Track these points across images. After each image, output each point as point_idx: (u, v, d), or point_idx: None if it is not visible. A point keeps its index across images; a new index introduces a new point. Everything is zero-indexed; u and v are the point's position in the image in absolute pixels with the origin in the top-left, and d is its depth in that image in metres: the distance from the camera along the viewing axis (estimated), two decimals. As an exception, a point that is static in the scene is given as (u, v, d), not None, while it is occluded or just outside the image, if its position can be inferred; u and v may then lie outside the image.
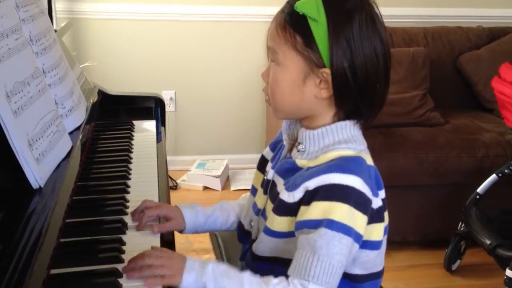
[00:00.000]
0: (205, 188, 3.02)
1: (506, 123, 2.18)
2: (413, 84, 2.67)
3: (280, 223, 0.96)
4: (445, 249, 2.31)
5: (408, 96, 2.62)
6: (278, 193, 0.98)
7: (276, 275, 0.90)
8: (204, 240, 1.58)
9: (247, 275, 0.90)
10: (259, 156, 1.17)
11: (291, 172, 0.98)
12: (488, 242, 2.04)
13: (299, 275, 0.88)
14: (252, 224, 1.09)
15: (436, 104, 2.68)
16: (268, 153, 1.12)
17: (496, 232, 2.07)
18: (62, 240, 0.99)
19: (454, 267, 2.33)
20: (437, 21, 3.14)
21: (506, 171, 2.17)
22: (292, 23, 0.92)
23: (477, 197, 2.21)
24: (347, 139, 0.95)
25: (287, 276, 0.90)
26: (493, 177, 2.19)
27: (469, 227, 2.17)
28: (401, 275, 2.28)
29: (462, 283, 2.28)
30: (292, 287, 0.87)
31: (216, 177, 3.01)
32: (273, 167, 1.05)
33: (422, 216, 2.44)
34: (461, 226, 2.27)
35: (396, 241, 2.36)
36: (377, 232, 0.96)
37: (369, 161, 0.96)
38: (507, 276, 1.89)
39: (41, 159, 0.98)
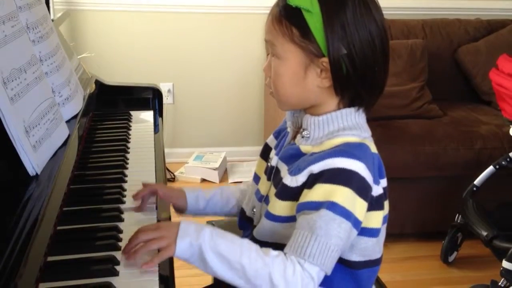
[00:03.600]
0: (203, 180, 3.03)
1: (503, 115, 2.18)
2: (411, 76, 2.67)
3: (281, 207, 0.97)
4: (442, 241, 2.32)
5: (406, 88, 2.62)
6: (281, 179, 0.98)
7: None
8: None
9: (247, 241, 0.91)
10: (257, 148, 1.18)
11: (295, 157, 0.98)
12: (484, 233, 2.04)
13: (295, 253, 0.88)
14: (254, 210, 1.09)
15: (434, 96, 2.68)
16: (271, 140, 1.13)
17: (493, 224, 2.08)
18: (59, 227, 0.99)
19: (451, 258, 2.34)
20: (435, 13, 3.14)
21: (503, 163, 2.17)
22: (287, 16, 0.93)
23: (474, 189, 2.21)
24: (351, 126, 0.96)
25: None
26: (490, 169, 2.19)
27: (466, 219, 2.18)
28: (398, 266, 2.29)
29: (458, 275, 2.28)
30: (290, 262, 0.87)
31: (214, 169, 3.01)
32: (277, 154, 1.05)
33: (419, 208, 2.44)
34: (458, 218, 2.28)
35: (393, 233, 2.36)
36: (375, 219, 0.96)
37: (373, 148, 0.97)
38: (503, 268, 1.89)
39: (37, 146, 0.98)
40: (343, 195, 0.89)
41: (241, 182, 2.91)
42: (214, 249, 0.87)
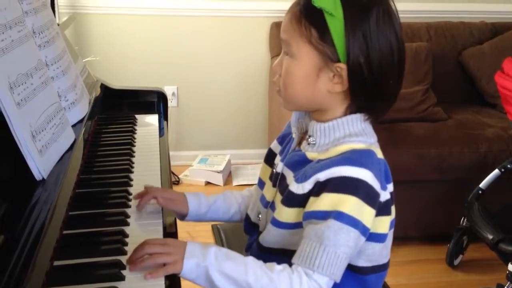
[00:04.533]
0: (207, 183, 3.03)
1: (509, 118, 2.17)
2: (416, 79, 2.67)
3: (287, 214, 0.97)
4: (447, 244, 2.31)
5: (411, 91, 2.61)
6: (287, 185, 0.98)
7: None
8: (206, 235, 1.58)
9: (251, 259, 0.91)
10: (261, 151, 1.18)
11: (301, 164, 0.98)
12: (490, 237, 2.04)
13: (304, 263, 0.88)
14: (260, 216, 1.09)
15: (439, 99, 2.68)
16: (275, 146, 1.12)
17: (499, 227, 2.07)
18: (65, 232, 0.99)
19: (456, 262, 2.33)
20: (440, 16, 3.13)
21: (508, 166, 2.16)
22: (307, 16, 0.92)
23: (480, 192, 2.21)
24: (357, 132, 0.96)
25: (291, 265, 0.90)
26: (495, 172, 2.19)
27: (472, 222, 2.17)
28: (403, 270, 2.28)
29: (464, 278, 2.28)
30: (297, 275, 0.87)
31: (218, 172, 3.01)
32: (282, 160, 1.05)
33: (424, 211, 2.43)
34: (463, 221, 2.27)
35: (398, 236, 2.32)
36: (383, 225, 0.96)
37: (379, 154, 0.97)
38: (509, 271, 1.89)
39: (44, 151, 0.98)
40: (350, 204, 0.88)
41: (245, 185, 2.94)
42: (220, 270, 0.88)
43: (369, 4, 0.91)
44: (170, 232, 1.09)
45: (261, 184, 1.12)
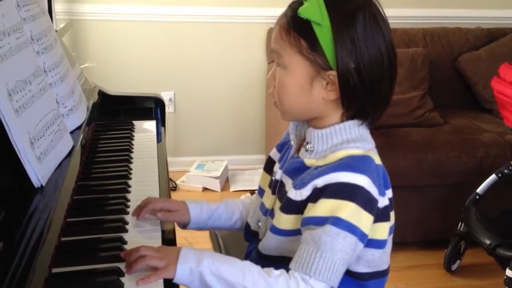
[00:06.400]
0: (205, 189, 3.02)
1: (505, 123, 2.18)
2: (413, 85, 2.68)
3: (286, 221, 0.97)
4: (445, 249, 2.31)
5: (408, 96, 2.62)
6: (286, 192, 0.98)
7: None
8: (204, 241, 1.58)
9: (248, 263, 0.91)
10: (258, 157, 1.18)
11: (299, 171, 0.98)
12: (488, 242, 2.04)
13: (301, 269, 0.88)
14: (259, 224, 1.09)
15: (436, 104, 2.69)
16: (275, 154, 1.12)
17: (496, 232, 2.07)
18: (63, 239, 0.99)
19: (454, 267, 2.33)
20: (436, 22, 3.15)
21: (505, 171, 2.17)
22: (296, 28, 0.92)
23: (477, 197, 2.21)
24: (355, 138, 0.96)
25: (288, 271, 0.90)
26: (492, 177, 2.19)
27: (469, 227, 2.17)
28: (401, 275, 2.28)
29: (461, 283, 2.28)
30: (294, 280, 0.87)
31: (216, 178, 3.01)
32: (281, 168, 1.05)
33: (422, 217, 2.44)
34: (461, 226, 2.27)
35: (396, 242, 2.32)
36: (382, 231, 0.96)
37: (377, 160, 0.97)
38: (507, 276, 1.89)
39: (42, 158, 0.98)
40: (348, 210, 0.88)
41: (243, 190, 2.94)
42: (216, 274, 0.87)
43: (355, 10, 0.91)
44: (168, 238, 1.09)
45: (260, 192, 1.13)
